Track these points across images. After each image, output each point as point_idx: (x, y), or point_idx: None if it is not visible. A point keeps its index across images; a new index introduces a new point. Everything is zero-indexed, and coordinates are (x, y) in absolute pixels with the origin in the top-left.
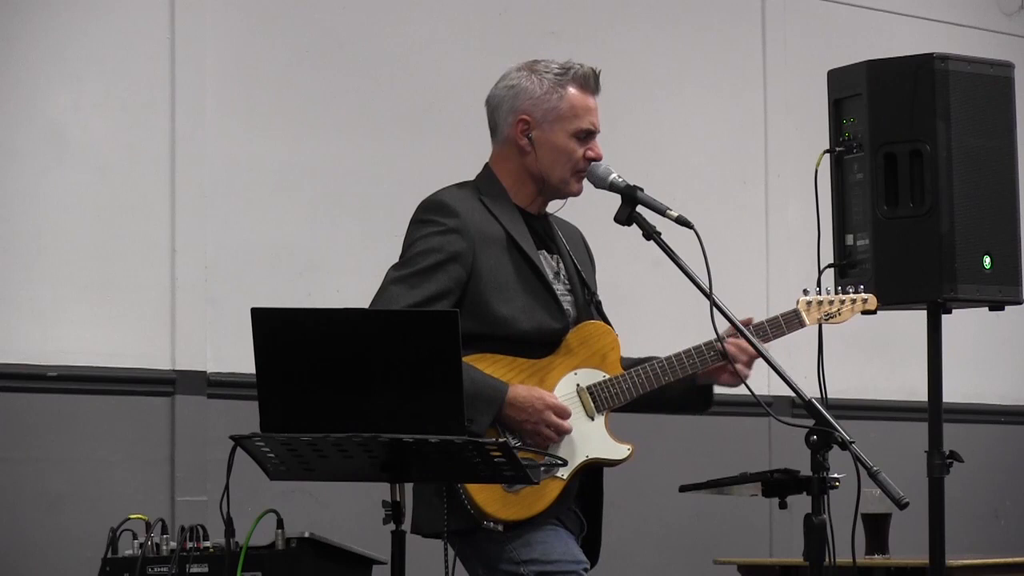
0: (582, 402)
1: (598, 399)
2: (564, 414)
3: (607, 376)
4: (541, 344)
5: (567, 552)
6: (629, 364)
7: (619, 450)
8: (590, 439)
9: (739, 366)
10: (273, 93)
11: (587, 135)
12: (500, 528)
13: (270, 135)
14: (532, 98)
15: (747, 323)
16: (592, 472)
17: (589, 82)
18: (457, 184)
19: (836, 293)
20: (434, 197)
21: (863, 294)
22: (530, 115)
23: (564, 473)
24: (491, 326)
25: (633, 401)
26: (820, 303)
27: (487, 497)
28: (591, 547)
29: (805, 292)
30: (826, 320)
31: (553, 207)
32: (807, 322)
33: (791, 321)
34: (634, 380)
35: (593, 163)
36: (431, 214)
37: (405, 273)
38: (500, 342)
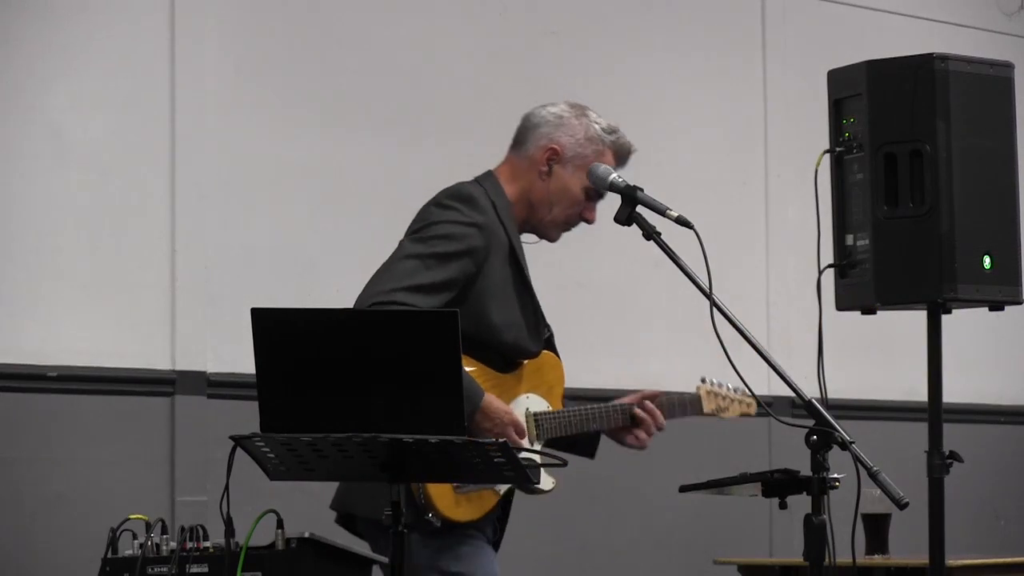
0: (528, 426)
1: (541, 427)
2: (522, 434)
3: (551, 408)
4: (509, 360)
5: (490, 571)
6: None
7: (547, 481)
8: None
9: (641, 435)
10: (273, 93)
11: (596, 196)
12: (438, 524)
13: (270, 135)
14: (572, 137)
15: (654, 396)
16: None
17: (623, 155)
18: (470, 183)
19: (728, 389)
20: (461, 188)
21: (748, 399)
22: (562, 150)
23: (502, 488)
24: (477, 329)
25: (559, 438)
26: (716, 395)
27: (439, 492)
28: (497, 543)
29: (703, 380)
30: (717, 412)
31: (524, 239)
32: (704, 409)
33: (693, 403)
34: (571, 418)
35: (593, 163)
36: (457, 202)
37: (422, 251)
38: (479, 347)
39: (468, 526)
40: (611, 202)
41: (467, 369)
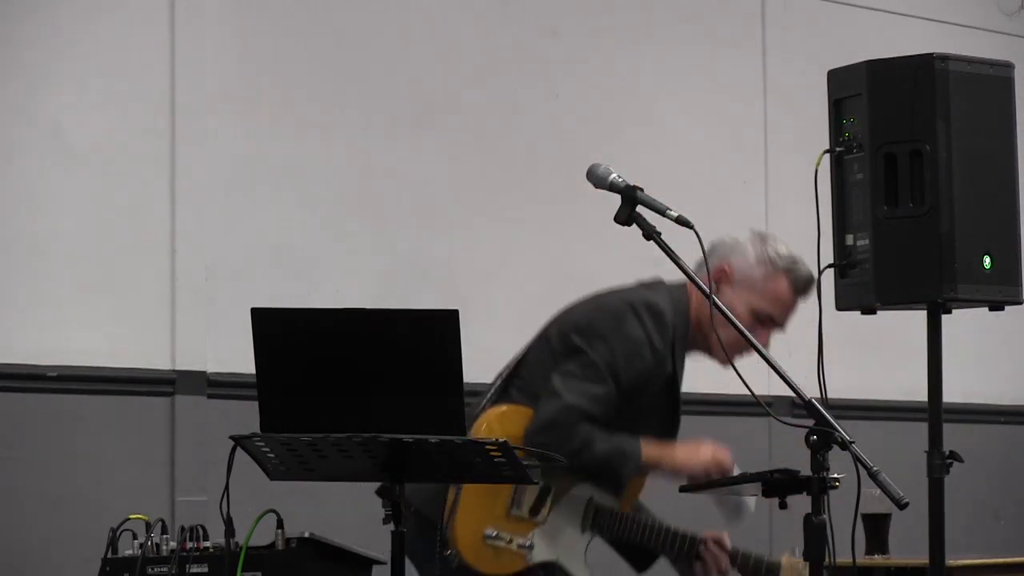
0: (584, 513)
1: (598, 522)
2: (722, 454)
3: (616, 508)
4: None
5: None
6: None
7: (582, 570)
8: (571, 548)
9: (699, 569)
10: (273, 93)
11: (767, 319)
12: (454, 565)
13: (270, 135)
14: (744, 258)
15: (731, 554)
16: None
17: (800, 283)
18: (664, 293)
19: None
20: (657, 303)
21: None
22: (731, 270)
23: (533, 558)
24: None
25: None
26: (798, 568)
27: (465, 531)
28: None
29: (791, 553)
30: None
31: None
32: None
33: (771, 570)
34: (630, 526)
35: (593, 163)
36: (649, 318)
37: (603, 362)
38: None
39: None
40: (611, 202)
41: None
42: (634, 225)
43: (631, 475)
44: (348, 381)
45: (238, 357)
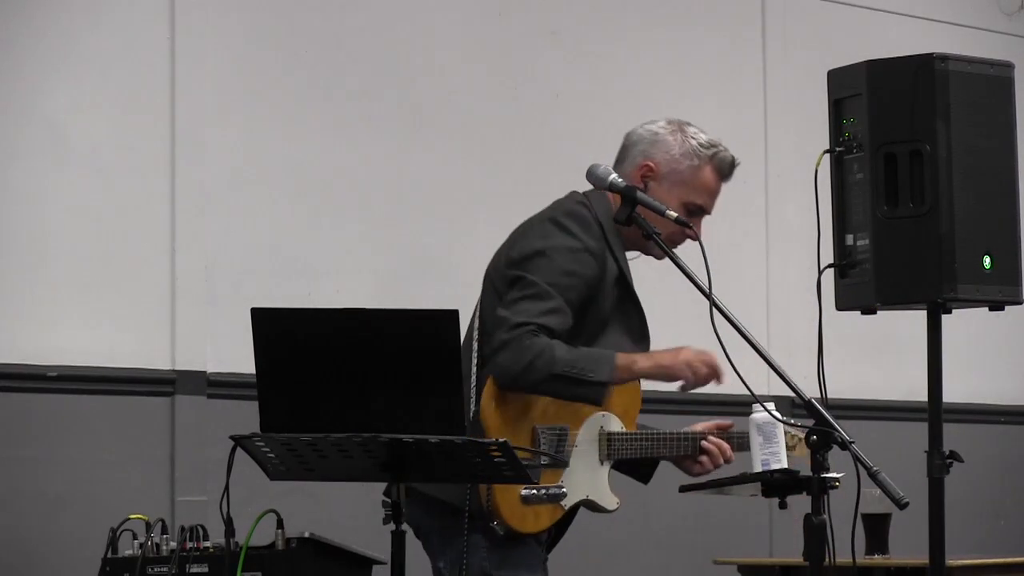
0: (599, 445)
1: (613, 448)
2: (702, 354)
3: (625, 430)
4: None
5: None
6: None
7: (611, 500)
8: (594, 481)
9: (707, 464)
10: (273, 93)
11: (698, 211)
12: (501, 532)
13: (270, 135)
14: (667, 153)
15: (725, 428)
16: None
17: (725, 168)
18: (580, 201)
19: (792, 426)
20: (576, 210)
21: (797, 432)
22: (657, 166)
23: (567, 503)
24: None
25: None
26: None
27: (506, 501)
28: (552, 543)
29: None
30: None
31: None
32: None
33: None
34: (641, 443)
35: (593, 163)
36: (574, 223)
37: (547, 277)
38: None
39: (530, 537)
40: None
41: None
42: (633, 225)
43: (607, 379)
44: (348, 381)
45: (238, 357)
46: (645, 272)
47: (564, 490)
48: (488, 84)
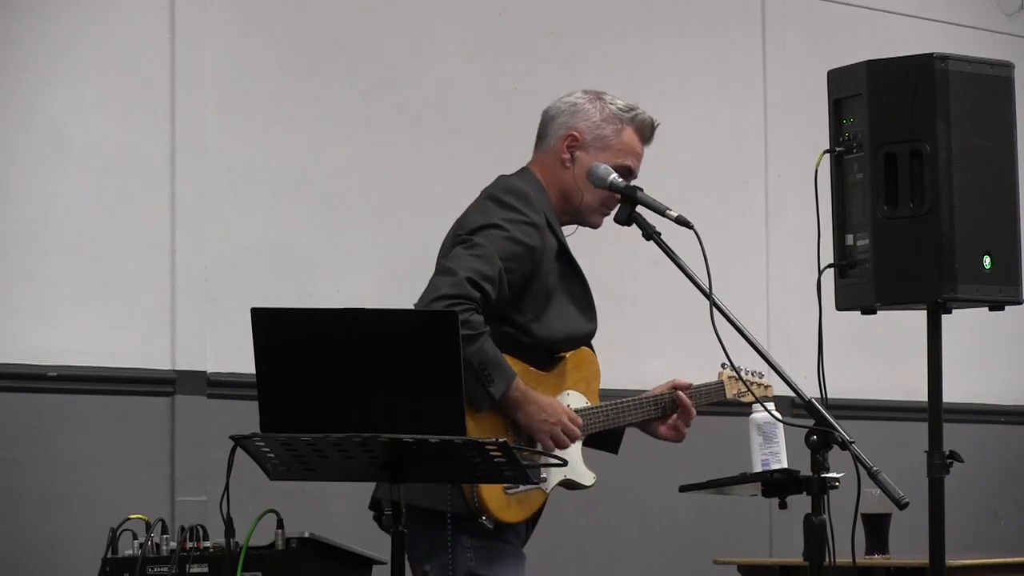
0: None
1: (585, 424)
2: (577, 422)
3: (590, 404)
4: (554, 351)
5: None
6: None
7: (588, 476)
8: (574, 461)
9: (680, 425)
10: (273, 93)
11: (627, 173)
12: (491, 526)
13: (270, 135)
14: (589, 120)
15: (686, 387)
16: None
17: (646, 130)
18: (518, 178)
19: (746, 372)
20: (517, 185)
21: (765, 382)
22: (581, 135)
23: (548, 487)
24: (533, 328)
25: (597, 432)
26: (735, 379)
27: (492, 495)
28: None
29: (723, 366)
30: (739, 397)
31: (565, 231)
32: (727, 395)
33: (717, 391)
34: (608, 413)
35: (593, 163)
36: (515, 199)
37: (488, 247)
38: (527, 347)
39: (510, 533)
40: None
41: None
42: (634, 225)
43: (496, 396)
44: (348, 381)
45: (238, 357)
46: (645, 272)
47: (544, 475)
48: (488, 84)
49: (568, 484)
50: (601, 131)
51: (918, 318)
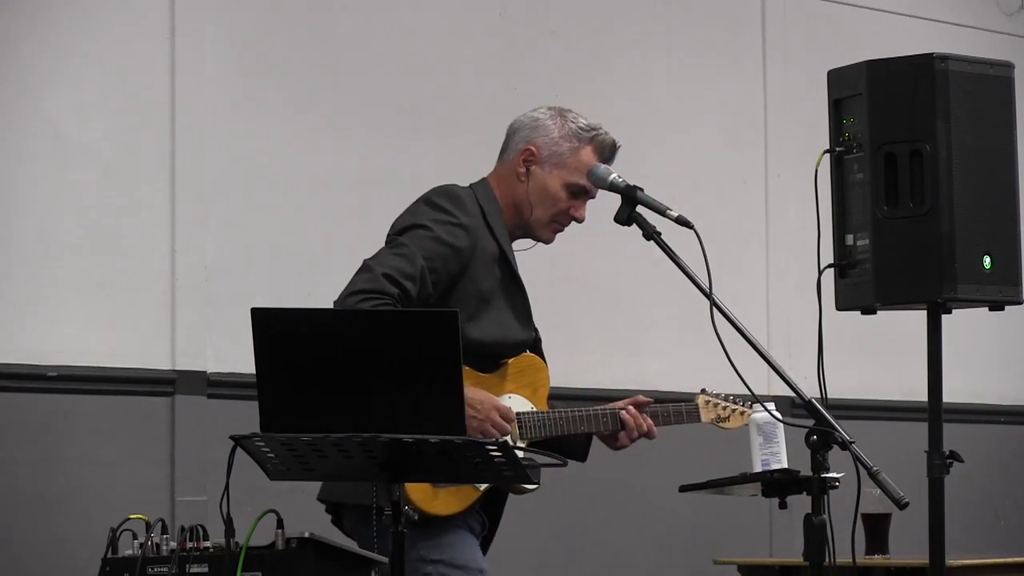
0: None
1: (523, 427)
2: (508, 417)
3: (535, 409)
4: (493, 360)
5: (472, 559)
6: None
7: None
8: None
9: (623, 439)
10: (273, 93)
11: (580, 192)
12: (415, 517)
13: (270, 135)
14: (547, 136)
15: (644, 404)
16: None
17: (605, 150)
18: (461, 186)
19: (729, 400)
20: (450, 188)
21: (749, 410)
22: (538, 150)
23: (482, 486)
24: (462, 329)
25: (543, 439)
26: (716, 405)
27: (415, 486)
28: (487, 541)
29: (703, 391)
30: (716, 422)
31: (518, 246)
32: (702, 419)
33: (690, 413)
34: (555, 420)
35: (593, 164)
36: (446, 201)
37: (411, 246)
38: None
39: (448, 519)
40: (611, 202)
41: None
42: (634, 225)
43: None
44: (348, 381)
45: (238, 357)
46: (645, 272)
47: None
48: (488, 84)
49: (510, 488)
50: (558, 147)
51: (918, 318)
